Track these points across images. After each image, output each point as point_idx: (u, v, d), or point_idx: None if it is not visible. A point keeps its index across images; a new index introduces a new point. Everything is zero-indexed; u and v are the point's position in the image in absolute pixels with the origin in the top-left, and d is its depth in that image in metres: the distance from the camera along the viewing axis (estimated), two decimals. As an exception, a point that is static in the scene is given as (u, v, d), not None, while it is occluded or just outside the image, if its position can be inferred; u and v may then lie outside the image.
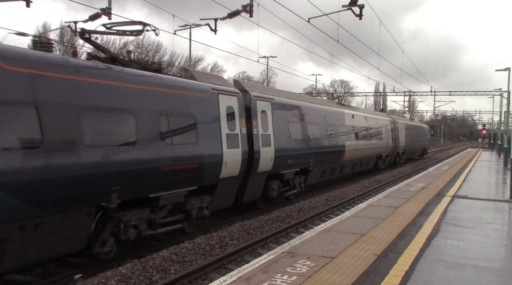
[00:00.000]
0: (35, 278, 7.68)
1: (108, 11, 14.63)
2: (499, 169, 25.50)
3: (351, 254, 6.52)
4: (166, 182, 9.22)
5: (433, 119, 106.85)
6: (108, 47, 49.38)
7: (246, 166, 12.13)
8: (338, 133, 19.76)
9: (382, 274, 5.65)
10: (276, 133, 13.84)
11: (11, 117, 6.39)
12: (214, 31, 18.22)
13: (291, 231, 11.62)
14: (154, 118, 8.91)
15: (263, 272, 5.60)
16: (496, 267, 6.18)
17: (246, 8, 15.01)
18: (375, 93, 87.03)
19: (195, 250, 9.18)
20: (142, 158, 8.48)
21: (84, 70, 7.68)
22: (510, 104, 37.50)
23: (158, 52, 56.55)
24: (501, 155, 34.51)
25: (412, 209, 10.47)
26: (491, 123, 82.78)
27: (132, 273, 7.60)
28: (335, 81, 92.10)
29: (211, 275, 8.08)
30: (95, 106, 7.65)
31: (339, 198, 17.12)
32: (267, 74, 56.09)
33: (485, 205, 11.68)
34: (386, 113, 35.20)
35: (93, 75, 7.78)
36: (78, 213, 7.42)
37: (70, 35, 39.32)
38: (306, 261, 6.11)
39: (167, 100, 9.42)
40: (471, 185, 16.38)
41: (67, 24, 27.66)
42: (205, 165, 10.33)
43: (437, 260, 6.37)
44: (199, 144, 10.21)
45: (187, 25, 29.06)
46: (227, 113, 11.41)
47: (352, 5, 14.87)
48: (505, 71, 37.22)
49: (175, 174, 9.37)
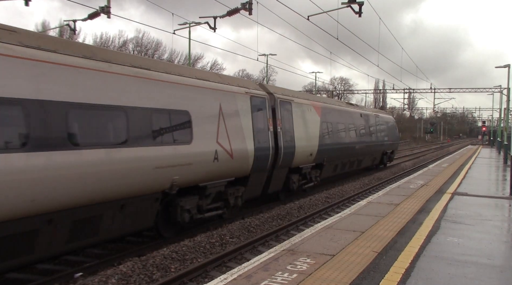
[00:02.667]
0: (36, 276, 7.68)
1: (107, 9, 14.61)
2: (499, 166, 25.50)
3: (352, 251, 6.52)
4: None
5: (433, 116, 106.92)
6: (107, 46, 49.35)
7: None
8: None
9: (383, 271, 5.65)
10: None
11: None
12: (213, 29, 18.20)
13: (291, 228, 11.62)
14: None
15: (264, 270, 5.60)
16: (496, 264, 6.18)
17: (246, 6, 15.00)
18: (375, 91, 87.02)
19: (195, 248, 9.19)
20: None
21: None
22: (510, 101, 37.49)
23: (158, 50, 56.55)
24: (501, 152, 34.51)
25: (412, 206, 10.47)
26: (491, 120, 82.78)
27: (132, 271, 7.60)
28: (335, 78, 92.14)
29: (212, 273, 8.08)
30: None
31: (339, 195, 17.13)
32: (266, 72, 56.04)
33: (485, 202, 11.68)
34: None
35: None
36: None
37: (69, 34, 39.26)
38: (306, 258, 6.11)
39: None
40: (471, 182, 16.38)
41: (66, 23, 27.57)
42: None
43: (437, 257, 6.37)
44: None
45: (186, 24, 29.02)
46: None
47: (352, 3, 14.86)
48: (505, 68, 37.21)
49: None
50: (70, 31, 27.43)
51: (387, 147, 28.84)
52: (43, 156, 6.49)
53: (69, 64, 7.08)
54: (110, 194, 7.78)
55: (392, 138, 30.12)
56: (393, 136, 30.58)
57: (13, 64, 6.25)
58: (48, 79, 6.72)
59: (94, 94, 7.44)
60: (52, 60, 6.84)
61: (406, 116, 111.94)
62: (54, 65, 6.83)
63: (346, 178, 23.30)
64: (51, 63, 6.80)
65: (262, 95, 13.47)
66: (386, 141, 28.31)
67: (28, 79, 6.42)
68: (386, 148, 28.47)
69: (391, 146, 29.85)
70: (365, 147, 23.61)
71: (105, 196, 7.68)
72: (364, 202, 11.32)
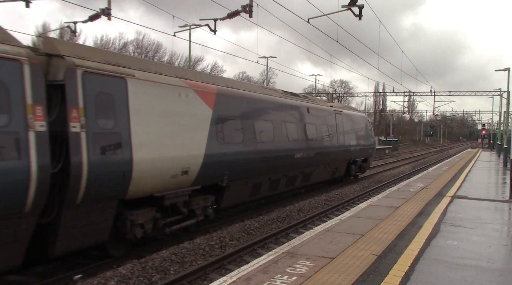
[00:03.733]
0: (35, 279, 7.68)
1: (108, 11, 14.63)
2: (498, 169, 25.50)
3: (351, 254, 6.52)
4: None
5: (432, 119, 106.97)
6: (107, 48, 49.41)
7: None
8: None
9: (382, 275, 5.65)
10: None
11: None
12: (213, 32, 18.24)
13: (291, 231, 11.61)
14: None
15: (263, 273, 5.59)
16: (495, 267, 6.18)
17: (246, 8, 15.02)
18: (375, 94, 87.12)
19: (194, 250, 9.18)
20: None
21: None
22: (509, 105, 37.52)
23: (158, 52, 56.64)
24: (501, 155, 34.51)
25: (412, 209, 10.47)
26: (491, 123, 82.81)
27: (131, 273, 7.60)
28: (335, 81, 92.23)
29: (211, 276, 8.07)
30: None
31: (338, 198, 17.13)
32: (266, 75, 56.12)
33: (485, 205, 11.68)
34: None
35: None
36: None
37: (70, 36, 39.30)
38: (306, 261, 6.11)
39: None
40: (470, 185, 16.38)
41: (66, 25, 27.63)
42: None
43: (437, 261, 6.37)
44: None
45: (187, 26, 29.05)
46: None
47: (352, 5, 14.88)
48: (505, 72, 37.24)
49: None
50: (70, 33, 27.46)
51: (357, 154, 22.02)
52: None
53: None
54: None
55: (365, 143, 23.28)
56: (366, 139, 23.63)
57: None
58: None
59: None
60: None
61: (406, 119, 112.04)
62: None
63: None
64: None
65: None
66: (354, 147, 21.50)
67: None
68: (354, 155, 21.69)
69: (362, 152, 22.79)
70: (315, 155, 16.69)
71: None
72: (364, 204, 11.32)
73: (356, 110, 27.15)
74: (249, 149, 12.30)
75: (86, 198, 7.49)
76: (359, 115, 24.39)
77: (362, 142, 22.93)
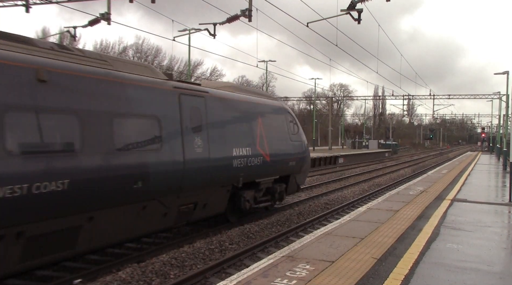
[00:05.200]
0: (34, 283, 7.66)
1: (107, 16, 14.68)
2: (498, 172, 25.51)
3: (351, 257, 6.52)
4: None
5: (432, 122, 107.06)
6: (107, 52, 49.44)
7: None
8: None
9: (382, 278, 5.65)
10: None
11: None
12: (213, 36, 18.28)
13: (290, 235, 11.60)
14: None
15: (263, 276, 5.59)
16: (496, 271, 6.18)
17: (245, 12, 15.07)
18: (374, 97, 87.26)
19: (194, 254, 9.17)
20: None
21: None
22: (509, 108, 37.57)
23: (157, 56, 56.75)
24: (501, 158, 34.52)
25: (411, 213, 10.47)
26: (490, 126, 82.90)
27: (131, 277, 7.59)
28: (334, 85, 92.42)
29: (211, 280, 8.06)
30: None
31: (338, 201, 17.12)
32: (266, 79, 56.20)
33: (485, 208, 11.68)
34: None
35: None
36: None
37: (69, 40, 39.39)
38: (305, 265, 6.10)
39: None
40: (470, 188, 16.38)
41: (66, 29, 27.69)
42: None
43: (437, 264, 6.37)
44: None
45: (186, 30, 29.14)
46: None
47: (351, 10, 14.94)
48: (504, 75, 37.32)
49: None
50: (70, 38, 27.52)
51: (256, 171, 12.17)
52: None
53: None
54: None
55: (282, 149, 13.64)
56: (283, 144, 13.78)
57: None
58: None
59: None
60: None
61: (405, 122, 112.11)
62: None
63: (345, 185, 22.23)
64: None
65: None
66: (244, 158, 11.51)
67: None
68: (248, 174, 11.79)
69: (272, 168, 13.02)
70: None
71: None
72: (364, 208, 11.32)
73: (262, 95, 14.52)
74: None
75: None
76: (267, 103, 13.62)
77: (276, 148, 13.10)
